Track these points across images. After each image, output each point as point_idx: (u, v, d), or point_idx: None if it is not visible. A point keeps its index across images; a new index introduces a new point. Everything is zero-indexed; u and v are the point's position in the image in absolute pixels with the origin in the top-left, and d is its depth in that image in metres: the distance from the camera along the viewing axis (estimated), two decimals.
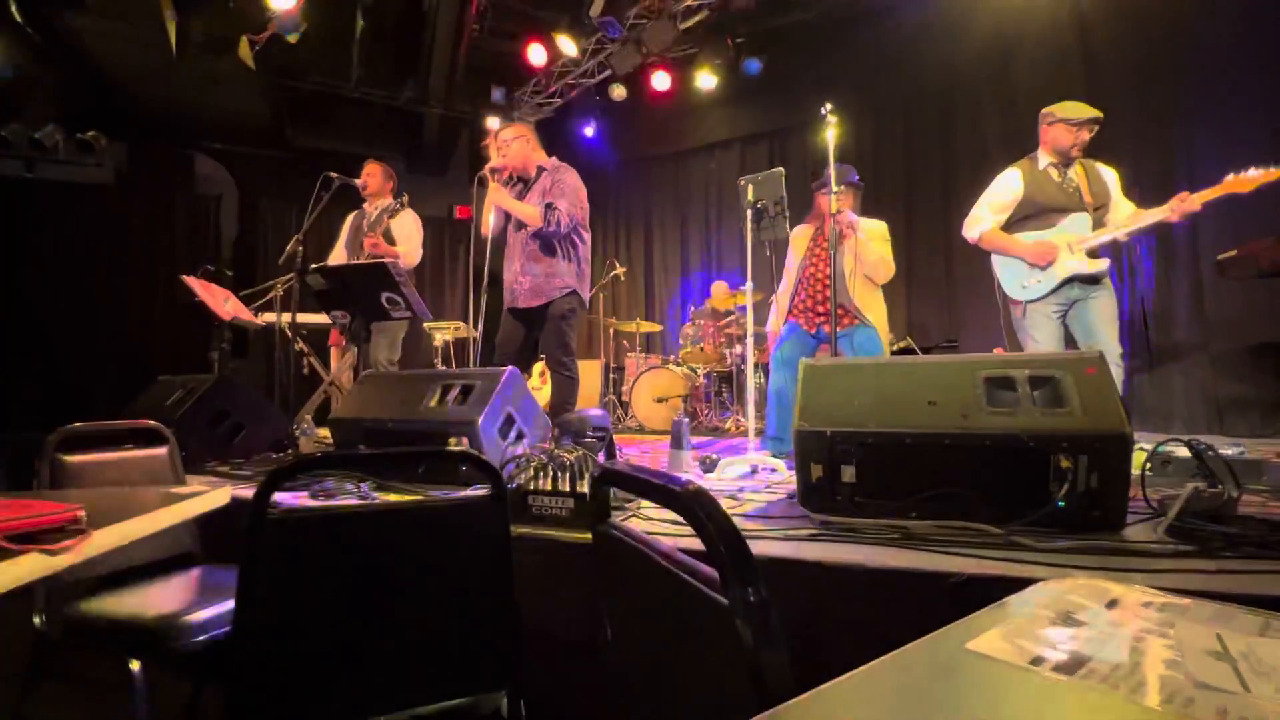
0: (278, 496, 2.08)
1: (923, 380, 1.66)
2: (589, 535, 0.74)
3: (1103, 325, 2.71)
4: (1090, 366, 1.55)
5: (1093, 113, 2.74)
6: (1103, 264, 2.72)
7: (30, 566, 0.82)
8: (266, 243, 6.55)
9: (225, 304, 3.69)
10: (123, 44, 4.76)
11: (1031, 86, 4.74)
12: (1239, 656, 0.42)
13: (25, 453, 1.76)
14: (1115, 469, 1.44)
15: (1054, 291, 2.75)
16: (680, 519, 0.52)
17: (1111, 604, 0.53)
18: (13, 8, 4.64)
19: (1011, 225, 2.88)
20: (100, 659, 1.45)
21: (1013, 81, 5.01)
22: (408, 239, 3.65)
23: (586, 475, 1.67)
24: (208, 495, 1.29)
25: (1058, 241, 2.74)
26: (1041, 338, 2.76)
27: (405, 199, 3.65)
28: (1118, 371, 2.59)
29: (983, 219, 2.91)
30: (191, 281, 3.63)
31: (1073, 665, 0.41)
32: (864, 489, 1.62)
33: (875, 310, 3.09)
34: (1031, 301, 2.80)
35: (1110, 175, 2.84)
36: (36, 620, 1.48)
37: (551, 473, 1.71)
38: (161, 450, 1.88)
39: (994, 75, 5.15)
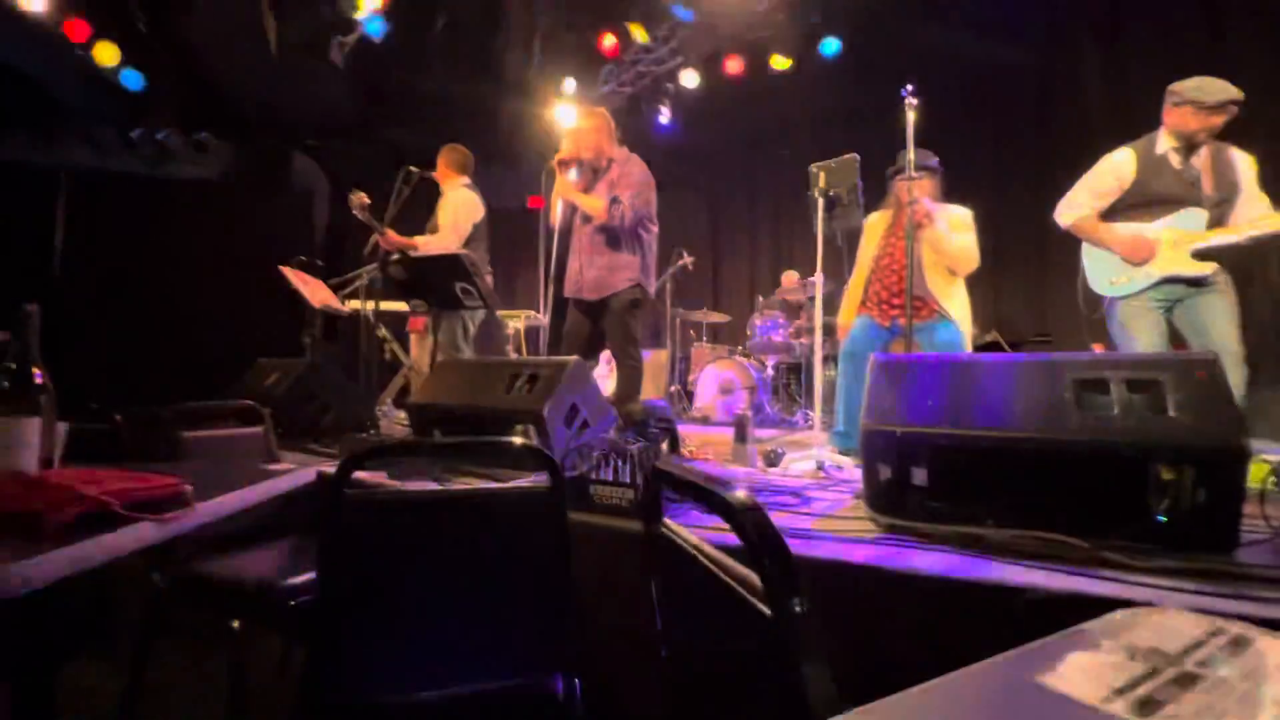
0: (360, 473, 2.22)
1: (1004, 380, 1.55)
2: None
3: (1218, 322, 2.43)
4: (1200, 369, 1.41)
5: (1230, 93, 2.39)
6: (1208, 268, 2.41)
7: (144, 532, 0.92)
8: (354, 233, 6.96)
9: (316, 293, 3.95)
10: (230, 50, 5.16)
11: (1147, 54, 4.30)
12: None
13: (149, 426, 1.97)
14: (1227, 483, 1.30)
15: (1150, 288, 2.50)
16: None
17: (1204, 638, 0.49)
18: (140, 24, 5.12)
19: (1113, 214, 2.63)
20: (206, 615, 1.61)
21: (1124, 51, 4.56)
22: (443, 225, 3.66)
23: (647, 466, 1.69)
24: (295, 473, 1.40)
25: (1160, 238, 2.47)
26: (1141, 335, 2.51)
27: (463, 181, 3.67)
28: (1238, 374, 2.33)
29: (1079, 204, 2.68)
30: (287, 271, 3.91)
31: (1147, 709, 0.37)
32: (937, 493, 1.55)
33: (957, 303, 2.92)
34: (1122, 298, 2.56)
35: (1244, 163, 2.48)
36: (155, 577, 1.65)
37: (613, 462, 1.74)
38: (258, 429, 2.05)
39: (1102, 45, 4.70)
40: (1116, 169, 2.61)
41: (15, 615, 1.12)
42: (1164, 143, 2.54)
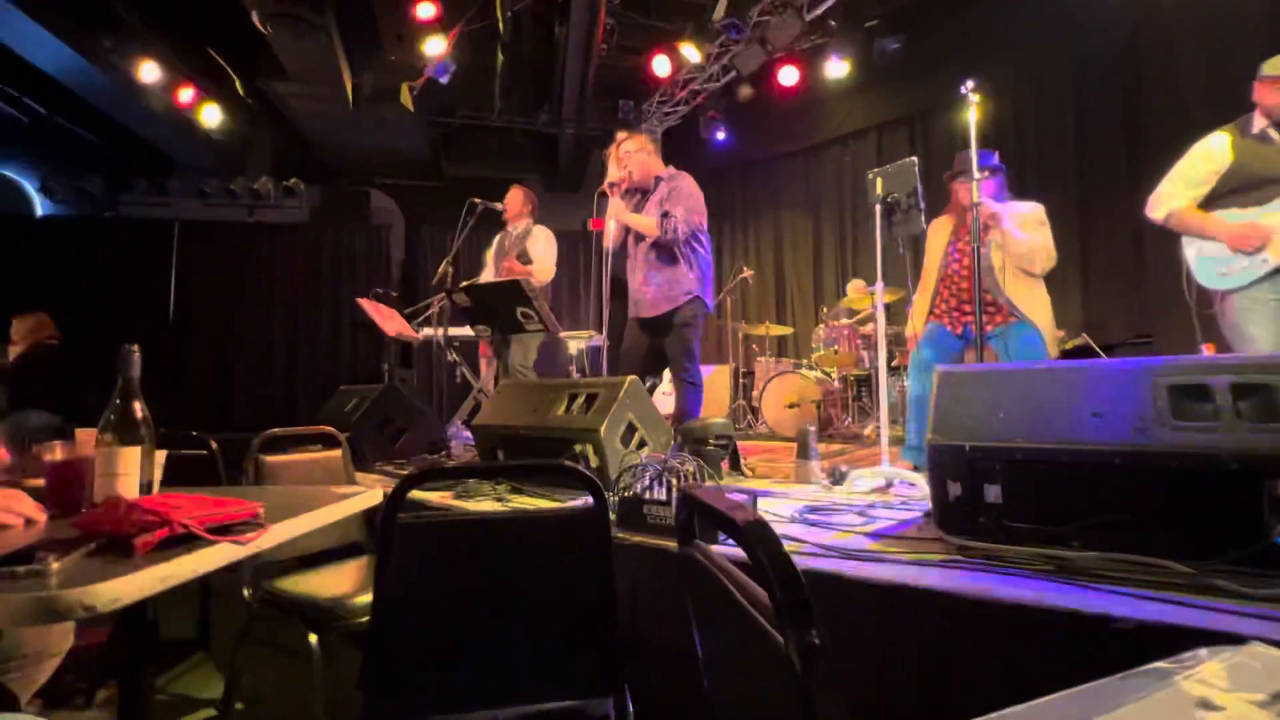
0: (423, 495, 2.29)
1: (1084, 388, 1.43)
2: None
3: None
4: None
5: None
6: None
7: (223, 554, 1.00)
8: (427, 264, 7.35)
9: (390, 322, 4.18)
10: (313, 103, 5.62)
11: (1242, 29, 3.92)
12: None
13: (237, 452, 2.14)
14: None
15: (1267, 278, 2.25)
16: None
17: None
18: (237, 84, 5.67)
19: (1214, 201, 2.39)
20: (290, 629, 1.71)
21: (1218, 26, 4.17)
22: (541, 257, 3.91)
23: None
24: (365, 495, 1.47)
25: (1274, 223, 2.23)
26: (1259, 333, 2.26)
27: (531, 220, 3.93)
28: None
29: (1173, 195, 2.46)
30: (364, 303, 4.17)
31: None
32: (1013, 511, 1.44)
33: (1036, 305, 2.73)
34: (1235, 290, 2.31)
35: None
36: (246, 593, 1.77)
37: (667, 481, 1.73)
38: (336, 452, 2.18)
39: (1193, 19, 4.32)
40: (1211, 154, 2.38)
41: (126, 625, 1.23)
42: (1259, 123, 2.32)
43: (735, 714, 0.63)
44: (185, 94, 5.46)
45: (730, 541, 1.47)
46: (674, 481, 1.70)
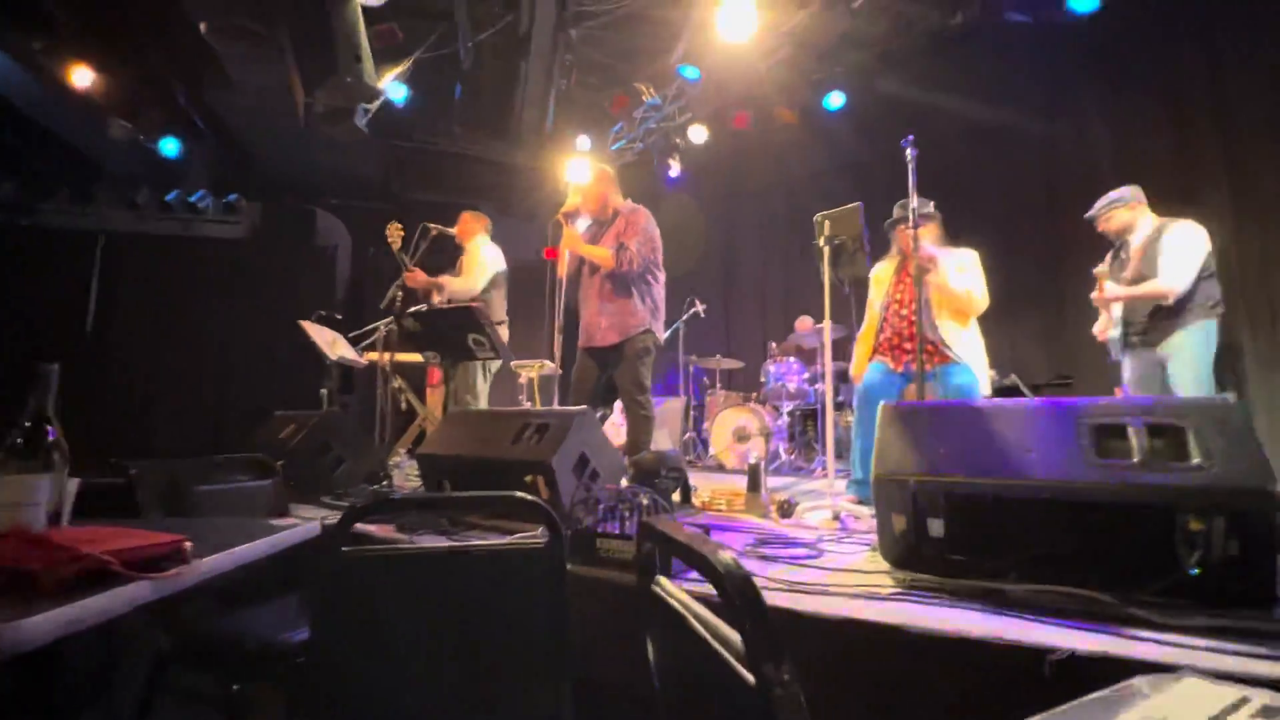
0: (365, 527, 2.19)
1: (1018, 426, 1.52)
2: None
3: None
4: (1223, 413, 1.36)
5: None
6: None
7: (141, 591, 0.92)
8: (375, 288, 7.15)
9: (332, 345, 4.03)
10: (260, 117, 5.45)
11: (1146, 93, 4.37)
12: None
13: (162, 480, 1.99)
14: (1261, 532, 1.24)
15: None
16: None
17: (1226, 713, 0.45)
18: (178, 96, 5.45)
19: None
20: (207, 676, 1.58)
21: (1124, 91, 4.63)
22: (466, 268, 3.79)
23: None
24: (300, 528, 1.40)
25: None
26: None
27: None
28: None
29: None
30: (306, 325, 4.01)
31: None
32: (956, 545, 1.49)
33: (970, 346, 2.89)
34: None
35: None
36: (158, 637, 1.63)
37: (620, 514, 1.71)
38: (269, 482, 2.06)
39: (1102, 85, 4.79)
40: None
41: (18, 673, 1.11)
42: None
43: None
44: (119, 101, 5.20)
45: (688, 575, 1.45)
46: (627, 514, 1.69)
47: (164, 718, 1.68)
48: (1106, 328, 3.30)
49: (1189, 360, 2.93)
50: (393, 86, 5.10)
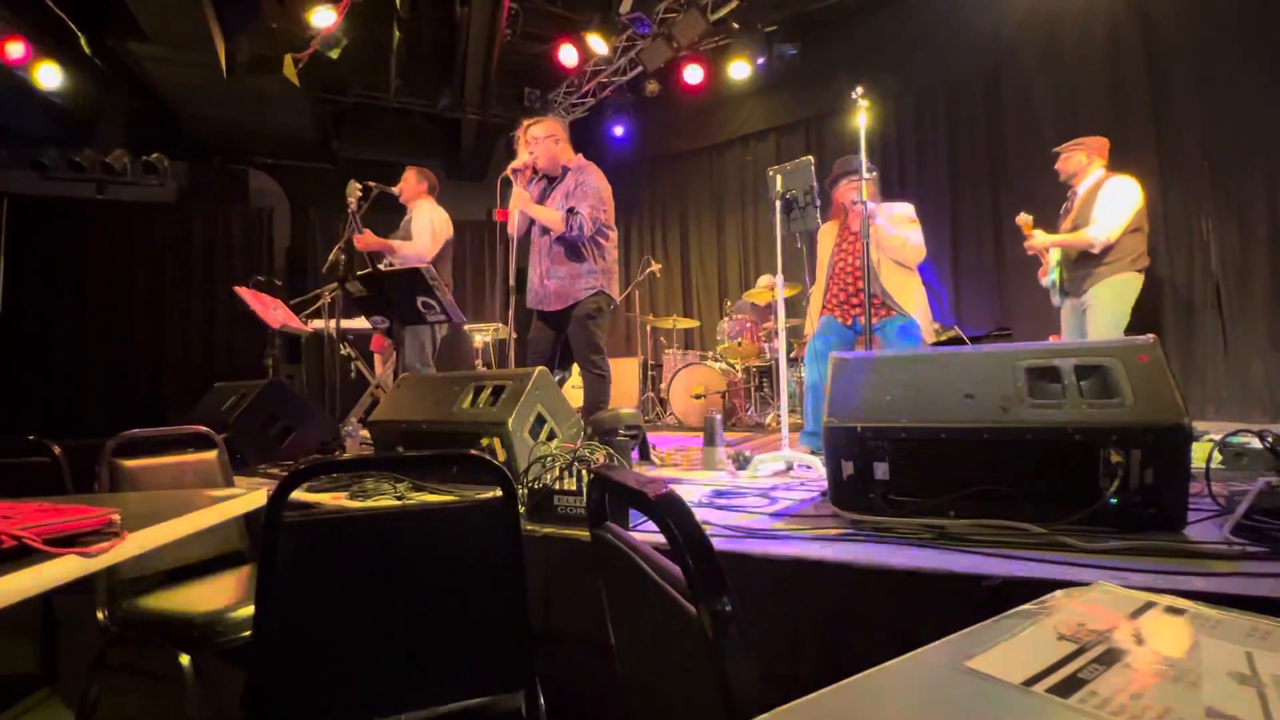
0: (314, 498, 2.13)
1: (959, 372, 1.58)
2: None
3: None
4: (1143, 354, 1.45)
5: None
6: None
7: (67, 568, 0.87)
8: (316, 251, 6.84)
9: (274, 312, 3.85)
10: (179, 69, 5.04)
11: (1084, 57, 4.47)
12: (1270, 680, 0.37)
13: (90, 458, 1.88)
14: (1172, 463, 1.34)
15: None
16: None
17: (1135, 614, 0.49)
18: (82, 41, 4.97)
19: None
20: (156, 652, 1.53)
21: (1062, 54, 4.73)
22: (419, 232, 3.64)
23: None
24: (245, 497, 1.34)
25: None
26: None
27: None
28: None
29: None
30: (243, 292, 3.81)
31: (1071, 687, 0.37)
32: (898, 487, 1.56)
33: (912, 299, 2.97)
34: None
35: None
36: (100, 615, 1.57)
37: (576, 472, 1.71)
38: (211, 454, 1.98)
39: (1042, 48, 4.87)
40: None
41: None
42: None
43: (649, 696, 0.64)
44: (15, 49, 4.71)
45: (643, 527, 1.47)
46: (584, 472, 1.70)
47: (115, 695, 1.63)
48: (1045, 271, 3.45)
49: (1106, 309, 3.09)
50: (324, 35, 4.76)
